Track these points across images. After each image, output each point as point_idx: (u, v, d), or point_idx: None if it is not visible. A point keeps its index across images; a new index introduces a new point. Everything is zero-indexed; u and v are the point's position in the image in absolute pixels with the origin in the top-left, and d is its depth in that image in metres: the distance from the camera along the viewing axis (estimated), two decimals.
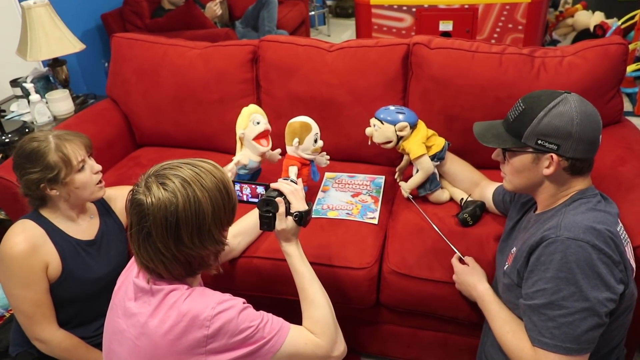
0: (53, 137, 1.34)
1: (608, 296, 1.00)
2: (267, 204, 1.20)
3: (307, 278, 1.20)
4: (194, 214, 0.97)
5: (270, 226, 1.21)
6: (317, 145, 1.66)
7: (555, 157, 1.08)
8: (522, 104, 1.12)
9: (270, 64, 1.98)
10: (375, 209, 1.68)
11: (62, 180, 1.32)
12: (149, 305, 1.01)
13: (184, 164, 1.01)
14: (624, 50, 1.67)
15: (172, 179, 0.97)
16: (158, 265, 1.00)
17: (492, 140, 1.16)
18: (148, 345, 0.99)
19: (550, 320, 1.02)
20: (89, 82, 3.20)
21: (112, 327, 1.09)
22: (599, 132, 1.09)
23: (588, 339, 1.01)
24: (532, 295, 1.06)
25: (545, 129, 1.07)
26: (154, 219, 0.95)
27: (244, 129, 1.67)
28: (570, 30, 4.18)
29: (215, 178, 1.01)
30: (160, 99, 2.09)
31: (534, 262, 1.06)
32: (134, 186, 1.00)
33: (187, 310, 0.98)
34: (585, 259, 0.99)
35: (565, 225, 1.03)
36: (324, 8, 5.75)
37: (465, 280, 1.35)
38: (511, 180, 1.19)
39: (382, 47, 1.88)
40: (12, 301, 1.35)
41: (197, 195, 0.97)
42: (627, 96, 3.44)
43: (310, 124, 1.65)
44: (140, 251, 1.00)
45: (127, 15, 3.32)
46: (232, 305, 1.01)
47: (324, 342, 1.12)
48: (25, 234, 1.33)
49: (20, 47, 2.32)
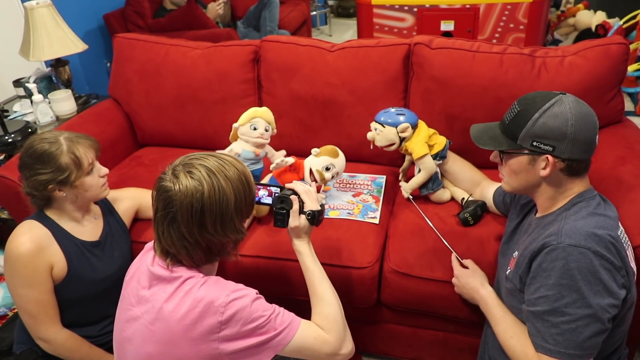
0: (64, 139, 1.34)
1: (610, 302, 1.00)
2: (281, 201, 1.25)
3: (317, 276, 1.21)
4: (218, 202, 1.01)
5: (284, 223, 1.25)
6: (325, 173, 1.61)
7: (551, 158, 1.07)
8: (518, 105, 1.12)
9: (272, 64, 1.99)
10: (377, 209, 1.68)
11: (71, 183, 1.33)
12: (165, 292, 1.04)
13: (209, 155, 1.06)
14: (624, 50, 1.68)
15: (198, 169, 1.02)
16: (180, 251, 1.04)
17: (489, 143, 1.16)
18: (163, 330, 1.02)
19: (553, 326, 1.02)
20: (91, 82, 3.21)
21: (124, 317, 1.11)
22: (595, 133, 1.08)
23: (591, 344, 1.01)
24: (534, 302, 1.06)
25: (540, 130, 1.07)
26: (180, 205, 1.00)
27: (239, 125, 1.64)
28: (571, 30, 4.18)
29: (238, 170, 1.06)
30: (162, 99, 2.10)
31: (535, 268, 1.06)
32: (161, 174, 1.04)
33: (203, 296, 1.01)
34: (587, 265, 0.99)
35: (567, 232, 1.03)
36: (325, 8, 5.75)
37: (467, 283, 1.35)
38: (509, 181, 1.19)
39: (383, 47, 1.88)
40: (17, 301, 1.36)
41: (221, 185, 1.02)
42: (629, 96, 3.44)
43: (339, 154, 1.65)
44: (163, 236, 1.04)
45: (129, 16, 3.33)
46: (246, 294, 1.04)
47: (332, 338, 1.13)
48: (30, 234, 1.34)
49: (23, 47, 2.33)
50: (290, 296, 1.56)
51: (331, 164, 1.62)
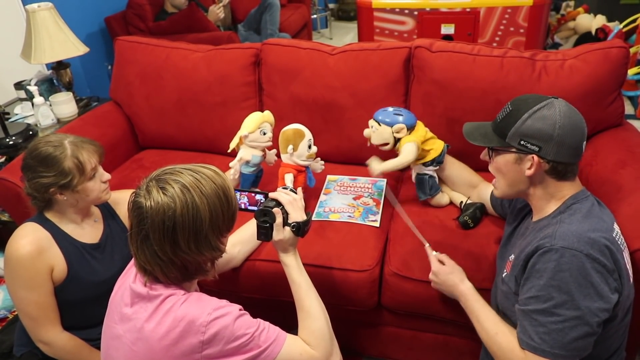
0: (69, 143, 1.33)
1: (600, 306, 1.01)
2: (264, 214, 1.19)
3: (303, 288, 1.19)
4: (191, 219, 0.97)
5: (268, 236, 1.19)
6: (312, 151, 1.65)
7: (536, 158, 1.10)
8: (510, 105, 1.16)
9: (273, 67, 1.99)
10: (377, 212, 1.68)
11: (73, 187, 1.33)
12: (145, 311, 1.01)
13: (185, 169, 1.01)
14: (624, 53, 1.68)
15: (171, 184, 0.98)
16: (155, 268, 1.00)
17: (479, 139, 1.20)
18: (144, 351, 1.00)
19: (541, 325, 1.04)
20: (92, 84, 3.22)
21: (109, 333, 1.09)
22: (582, 139, 1.11)
23: (577, 346, 1.02)
24: (525, 302, 1.07)
25: (528, 130, 1.10)
26: (152, 222, 0.96)
27: (249, 132, 1.66)
28: (572, 34, 4.19)
29: (215, 184, 1.01)
30: (163, 102, 2.11)
31: (529, 269, 1.07)
32: (136, 189, 1.01)
33: (184, 315, 0.98)
34: (578, 268, 1.00)
35: (561, 234, 1.04)
36: (326, 11, 5.76)
37: (446, 280, 1.34)
38: (497, 184, 1.22)
39: (383, 50, 1.89)
40: (17, 303, 1.36)
41: (195, 202, 0.97)
42: (629, 99, 3.44)
43: (303, 130, 1.64)
44: (138, 253, 1.01)
45: (131, 19, 3.34)
46: (228, 312, 1.01)
47: (319, 353, 1.11)
48: (31, 237, 1.34)
49: (24, 50, 2.34)
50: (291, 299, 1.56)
51: (308, 141, 1.63)
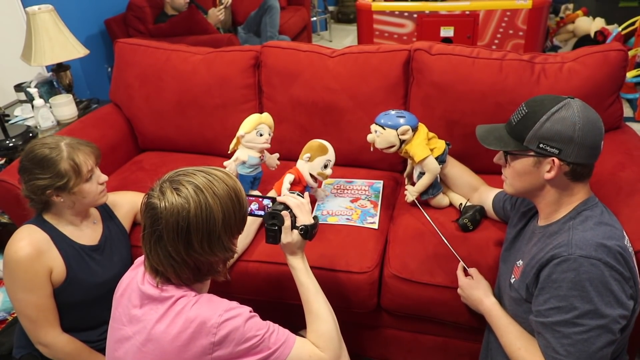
0: (65, 144, 1.33)
1: (621, 313, 1.00)
2: (273, 217, 1.21)
3: (312, 291, 1.20)
4: (205, 220, 0.99)
5: (276, 239, 1.22)
6: (326, 171, 1.65)
7: (556, 161, 1.07)
8: (525, 107, 1.12)
9: (273, 70, 2.00)
10: (375, 214, 1.69)
11: (70, 189, 1.33)
12: (156, 312, 1.02)
13: (198, 171, 1.03)
14: (623, 56, 1.69)
15: (185, 185, 0.99)
16: (167, 269, 1.01)
17: (495, 143, 1.16)
18: (155, 352, 1.00)
19: (565, 337, 1.02)
20: (92, 87, 3.22)
21: (115, 335, 1.09)
22: (601, 138, 1.09)
23: (602, 355, 1.01)
24: (544, 313, 1.05)
25: (547, 133, 1.07)
26: (166, 223, 0.97)
27: (245, 132, 1.66)
28: (571, 37, 4.20)
29: (228, 186, 1.03)
30: (163, 104, 2.11)
31: (544, 279, 1.05)
32: (149, 190, 1.02)
33: (195, 316, 0.99)
34: (598, 276, 0.99)
35: (577, 243, 1.03)
36: (325, 14, 5.77)
37: (470, 295, 1.34)
38: (512, 183, 1.18)
39: (383, 52, 1.89)
40: (16, 305, 1.36)
41: (208, 202, 0.99)
42: (628, 102, 3.45)
43: (328, 148, 1.66)
44: (151, 253, 1.02)
45: (131, 21, 3.34)
46: (239, 314, 1.02)
47: (328, 356, 1.12)
48: (30, 239, 1.34)
49: (24, 52, 2.34)
50: (296, 301, 1.56)
51: (327, 160, 1.64)
